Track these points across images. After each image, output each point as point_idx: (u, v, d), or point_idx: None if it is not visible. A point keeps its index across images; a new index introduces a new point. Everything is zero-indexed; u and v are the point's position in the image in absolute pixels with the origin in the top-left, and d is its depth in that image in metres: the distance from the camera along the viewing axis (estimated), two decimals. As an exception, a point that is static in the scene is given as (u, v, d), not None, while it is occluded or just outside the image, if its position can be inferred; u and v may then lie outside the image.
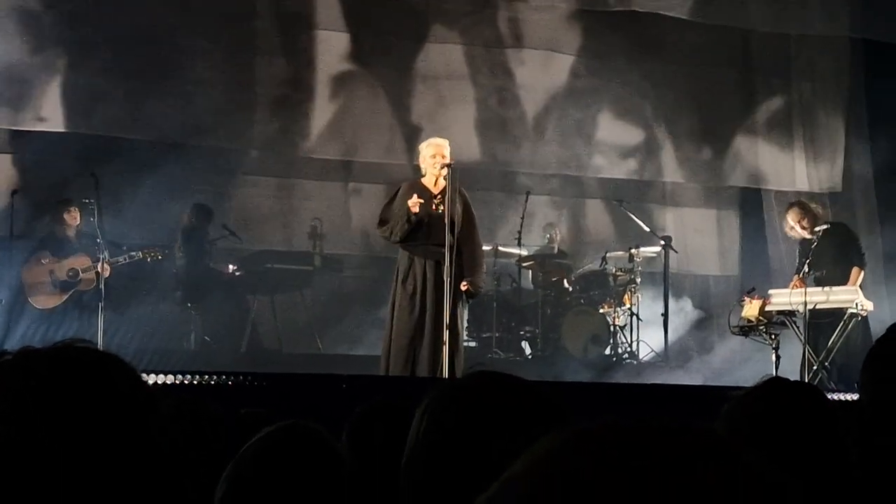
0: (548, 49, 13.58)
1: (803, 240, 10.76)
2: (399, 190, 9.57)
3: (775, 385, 2.58)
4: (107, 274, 10.72)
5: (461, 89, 13.36)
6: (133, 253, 11.00)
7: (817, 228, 10.58)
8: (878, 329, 8.97)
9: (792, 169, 14.21)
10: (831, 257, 10.58)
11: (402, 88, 13.12)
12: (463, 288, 9.27)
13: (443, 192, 9.37)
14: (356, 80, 12.96)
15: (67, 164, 12.15)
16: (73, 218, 11.28)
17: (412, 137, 12.62)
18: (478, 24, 13.35)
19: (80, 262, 11.06)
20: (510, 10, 13.41)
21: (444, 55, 13.26)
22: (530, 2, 13.34)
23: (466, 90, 13.39)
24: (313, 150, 12.91)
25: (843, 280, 10.40)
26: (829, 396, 5.72)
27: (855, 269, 10.50)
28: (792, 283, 10.41)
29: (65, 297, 11.02)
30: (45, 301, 10.99)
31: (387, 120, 13.04)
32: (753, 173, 14.25)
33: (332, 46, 12.85)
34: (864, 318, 10.19)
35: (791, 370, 10.02)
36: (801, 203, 11.04)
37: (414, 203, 9.18)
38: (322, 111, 12.86)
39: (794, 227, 10.73)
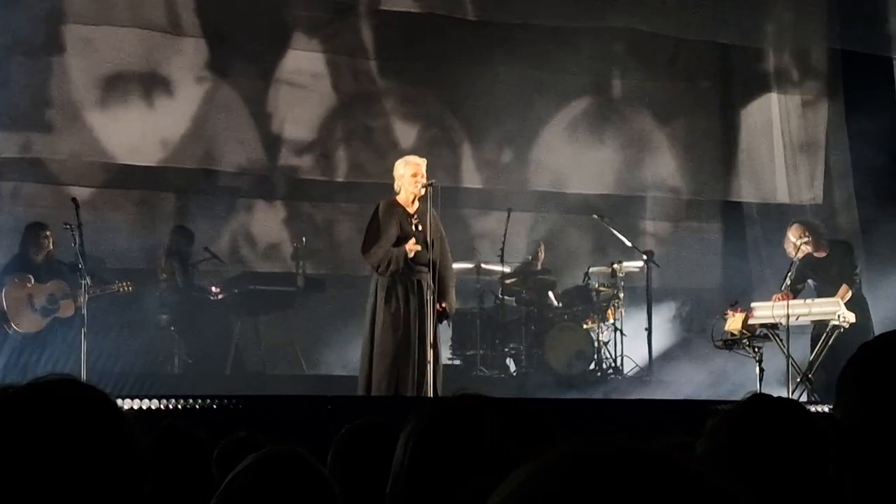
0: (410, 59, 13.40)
1: (803, 258, 10.77)
2: (378, 210, 9.55)
3: (759, 401, 2.59)
4: (82, 303, 10.68)
5: (323, 97, 13.19)
6: (108, 286, 10.90)
7: (821, 249, 10.67)
8: (861, 340, 8.98)
9: (773, 181, 14.26)
10: (832, 274, 10.65)
11: (262, 96, 12.91)
12: (439, 309, 9.29)
13: (419, 211, 9.37)
14: (214, 89, 12.70)
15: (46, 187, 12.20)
16: (47, 243, 11.19)
17: (273, 146, 12.67)
18: (340, 32, 13.14)
19: (58, 287, 10.97)
20: (373, 17, 13.07)
21: (306, 63, 13.06)
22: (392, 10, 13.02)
23: (329, 98, 13.22)
24: (170, 160, 12.60)
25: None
26: (814, 408, 5.73)
27: (843, 286, 10.55)
28: (774, 297, 10.44)
29: (45, 322, 10.94)
30: (27, 325, 10.92)
31: (247, 128, 12.84)
32: (734, 186, 14.30)
33: (190, 54, 12.60)
34: (847, 330, 10.21)
35: (775, 382, 10.05)
36: (804, 221, 11.10)
37: (412, 248, 9.17)
38: (180, 120, 12.60)
39: (797, 243, 10.74)
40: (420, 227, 9.29)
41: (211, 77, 12.66)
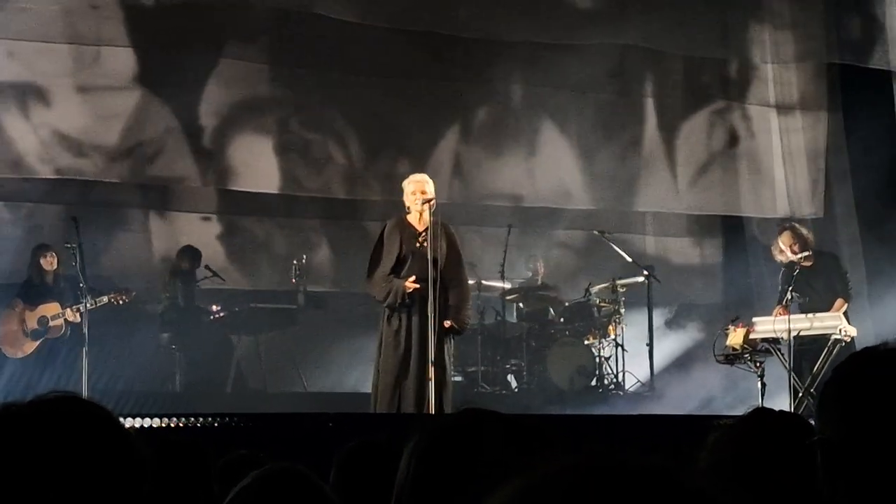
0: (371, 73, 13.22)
1: (788, 265, 10.78)
2: (383, 231, 9.56)
3: (760, 416, 2.59)
4: (76, 320, 10.65)
5: (259, 110, 12.98)
6: (100, 298, 10.75)
7: (804, 254, 10.65)
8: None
9: (773, 195, 14.26)
10: (818, 286, 10.63)
11: (193, 108, 12.70)
12: (447, 325, 9.27)
13: (428, 228, 9.37)
14: (142, 99, 12.48)
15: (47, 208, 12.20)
16: (50, 263, 11.17)
17: (204, 160, 12.58)
18: (276, 43, 12.89)
19: (49, 309, 10.95)
20: (312, 28, 12.70)
21: (241, 73, 12.82)
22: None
23: (265, 111, 13.01)
24: (99, 174, 12.35)
25: (827, 309, 10.46)
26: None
27: (839, 300, 10.55)
28: (775, 312, 10.44)
29: (35, 346, 10.91)
30: (14, 350, 10.90)
31: (179, 140, 12.62)
32: (734, 200, 14.31)
33: (117, 63, 12.39)
34: (849, 344, 10.20)
35: (778, 397, 10.04)
36: (794, 227, 11.08)
37: (410, 286, 9.17)
38: (108, 131, 12.39)
39: (785, 250, 10.75)
40: (425, 245, 9.25)
41: (141, 88, 12.45)
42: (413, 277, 9.19)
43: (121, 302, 10.93)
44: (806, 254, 10.67)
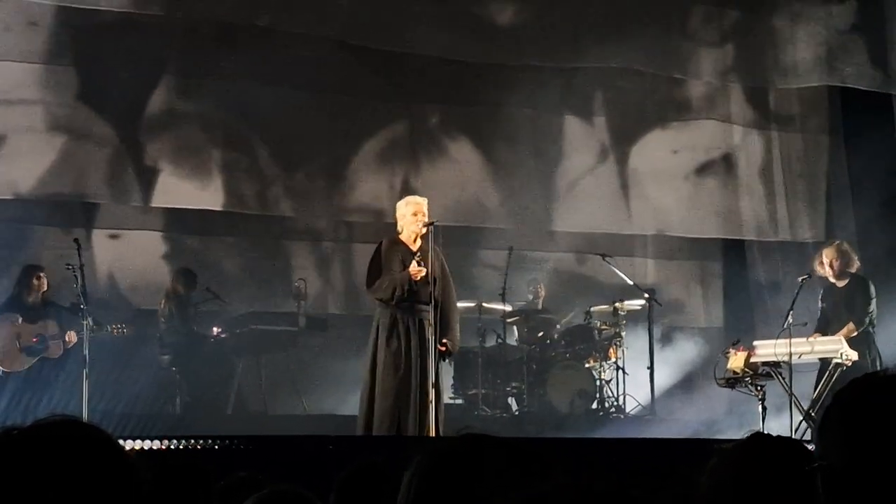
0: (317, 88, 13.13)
1: (825, 282, 10.79)
2: (381, 247, 9.58)
3: (759, 440, 2.59)
4: (73, 342, 10.67)
5: (201, 127, 12.80)
6: (104, 328, 10.86)
7: (842, 275, 10.66)
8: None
9: (774, 219, 14.27)
10: (844, 308, 10.63)
11: (135, 128, 12.57)
12: (442, 348, 9.29)
13: (421, 249, 9.40)
14: (82, 119, 12.34)
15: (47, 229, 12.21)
16: (41, 284, 11.19)
17: (147, 180, 12.48)
18: (222, 59, 12.63)
19: (48, 328, 10.97)
20: (258, 46, 12.55)
21: (182, 88, 12.67)
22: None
23: (208, 128, 12.82)
24: (37, 192, 12.21)
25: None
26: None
27: (850, 325, 10.53)
28: (815, 335, 10.47)
29: (30, 363, 10.92)
30: (10, 364, 10.89)
31: (119, 161, 12.47)
32: (735, 223, 14.32)
33: (58, 82, 12.28)
34: (851, 368, 10.19)
35: (778, 420, 10.03)
36: (840, 244, 11.05)
37: (416, 272, 9.19)
38: (44, 152, 12.24)
39: (825, 265, 10.74)
40: (422, 266, 9.30)
41: (83, 106, 12.32)
42: (415, 263, 9.21)
43: (121, 333, 11.03)
44: (843, 280, 10.68)
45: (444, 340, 9.35)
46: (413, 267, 9.21)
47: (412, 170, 13.53)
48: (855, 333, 10.50)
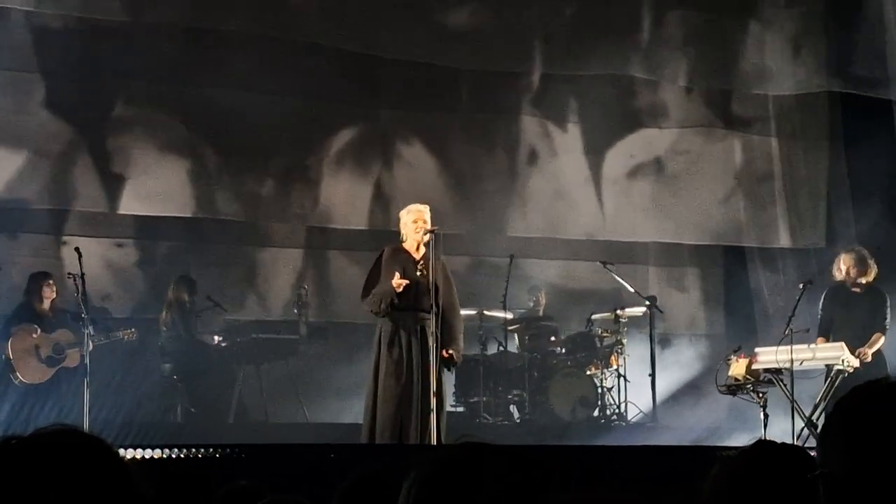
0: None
1: (833, 288, 10.75)
2: (381, 256, 9.58)
3: (762, 448, 2.59)
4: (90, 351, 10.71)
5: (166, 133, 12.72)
6: (113, 333, 11.00)
7: (861, 282, 10.63)
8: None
9: (775, 226, 14.27)
10: (857, 316, 10.61)
11: (101, 134, 12.49)
12: (446, 356, 9.28)
13: (424, 257, 9.39)
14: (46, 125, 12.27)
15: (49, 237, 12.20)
16: (51, 292, 11.21)
17: (114, 187, 12.43)
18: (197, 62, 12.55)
19: (64, 337, 11.02)
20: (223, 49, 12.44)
21: (151, 97, 12.59)
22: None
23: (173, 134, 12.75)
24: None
25: (860, 340, 10.42)
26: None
27: (877, 334, 10.52)
28: (818, 341, 10.45)
29: (51, 373, 10.96)
30: (31, 375, 10.91)
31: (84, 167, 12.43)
32: (736, 230, 14.31)
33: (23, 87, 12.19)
34: (853, 375, 10.17)
35: (780, 427, 10.02)
36: (860, 250, 11.01)
37: (398, 283, 9.18)
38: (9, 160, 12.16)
39: (843, 271, 10.71)
40: (424, 274, 9.30)
41: (48, 113, 12.24)
42: (398, 274, 9.19)
43: (126, 338, 11.09)
44: (858, 287, 10.66)
45: (450, 350, 9.33)
46: (396, 279, 9.20)
47: (374, 175, 13.46)
48: (882, 342, 10.49)
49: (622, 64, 13.53)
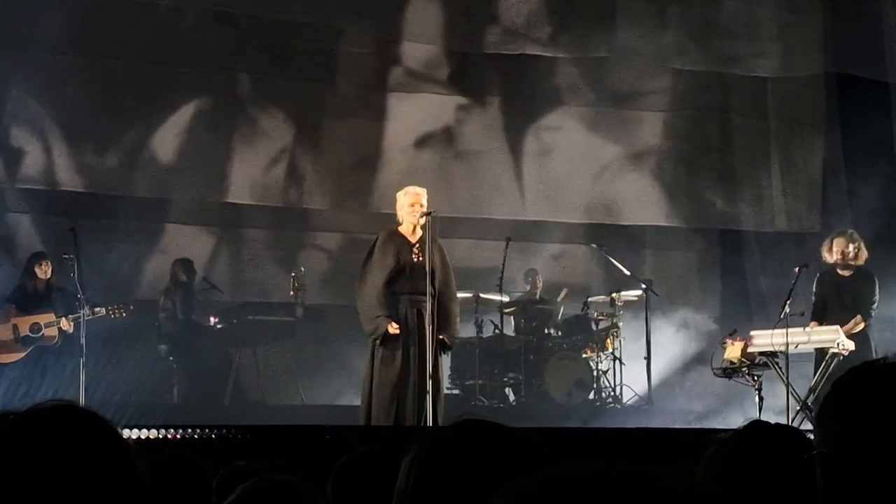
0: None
1: (825, 271, 10.74)
2: (376, 241, 9.55)
3: (757, 428, 2.60)
4: (70, 329, 10.64)
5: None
6: (97, 309, 10.70)
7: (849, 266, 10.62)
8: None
9: (771, 210, 14.27)
10: (847, 300, 10.60)
11: None
12: (440, 339, 9.27)
13: (420, 240, 9.38)
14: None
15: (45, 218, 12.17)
16: (45, 272, 11.17)
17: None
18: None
19: (43, 317, 10.95)
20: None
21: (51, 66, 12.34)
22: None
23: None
24: None
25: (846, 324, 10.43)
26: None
27: (857, 317, 10.51)
28: (811, 325, 10.44)
29: (24, 353, 10.89)
30: (6, 356, 10.88)
31: None
32: (732, 214, 14.31)
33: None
34: (847, 358, 10.18)
35: (775, 409, 10.05)
36: (853, 234, 10.98)
37: (393, 331, 9.17)
38: None
39: (834, 253, 10.68)
40: (420, 258, 9.28)
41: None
42: (395, 325, 9.18)
43: (120, 315, 10.93)
44: (849, 270, 10.63)
45: (441, 336, 9.32)
46: (392, 327, 9.18)
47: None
48: (862, 326, 10.48)
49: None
